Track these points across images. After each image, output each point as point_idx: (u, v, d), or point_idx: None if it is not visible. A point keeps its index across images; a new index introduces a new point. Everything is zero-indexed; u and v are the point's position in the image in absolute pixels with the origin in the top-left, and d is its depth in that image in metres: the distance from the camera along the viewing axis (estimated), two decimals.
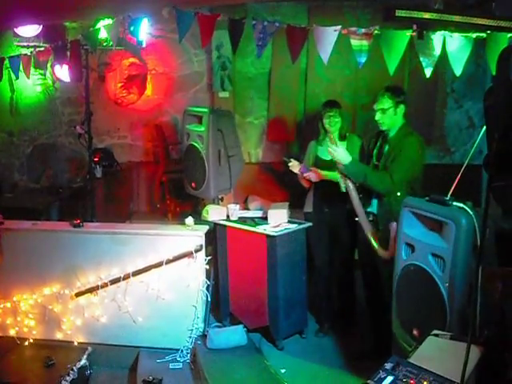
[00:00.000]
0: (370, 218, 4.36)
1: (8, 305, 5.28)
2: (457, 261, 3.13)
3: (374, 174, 4.23)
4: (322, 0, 6.28)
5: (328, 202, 5.12)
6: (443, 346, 2.77)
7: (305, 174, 5.07)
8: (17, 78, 5.61)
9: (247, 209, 5.52)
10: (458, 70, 3.56)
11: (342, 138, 5.08)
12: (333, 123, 5.02)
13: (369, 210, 4.39)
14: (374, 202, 4.36)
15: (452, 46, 3.50)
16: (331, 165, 4.77)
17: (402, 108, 4.28)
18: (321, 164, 5.13)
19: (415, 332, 3.38)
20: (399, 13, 2.63)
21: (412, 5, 2.80)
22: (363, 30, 3.65)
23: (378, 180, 4.17)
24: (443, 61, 3.87)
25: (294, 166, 5.10)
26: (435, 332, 2.90)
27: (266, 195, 6.07)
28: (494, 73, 3.55)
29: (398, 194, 4.12)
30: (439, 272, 3.24)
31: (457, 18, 2.54)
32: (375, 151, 4.52)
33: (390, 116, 4.27)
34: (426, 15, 2.59)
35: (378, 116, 4.31)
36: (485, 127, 2.40)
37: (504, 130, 1.92)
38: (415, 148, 4.22)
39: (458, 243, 3.11)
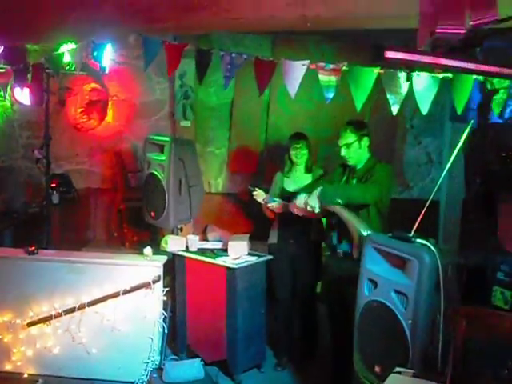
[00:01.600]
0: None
1: None
2: (420, 298, 3.13)
3: (354, 188, 4.25)
4: (287, 33, 6.30)
5: (293, 234, 5.11)
6: None
7: (268, 204, 5.07)
8: None
9: (206, 239, 5.47)
10: (424, 109, 3.59)
11: (309, 170, 5.14)
12: (299, 155, 5.10)
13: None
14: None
15: (419, 85, 3.55)
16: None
17: (366, 140, 4.33)
18: (285, 195, 5.14)
19: (377, 369, 3.36)
20: (389, 54, 2.64)
21: (399, 45, 2.83)
22: (331, 66, 3.67)
23: (361, 191, 4.16)
24: (406, 97, 3.92)
25: (259, 195, 5.11)
26: (398, 369, 2.89)
27: (226, 226, 6.04)
28: (459, 112, 3.64)
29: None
30: (402, 309, 3.23)
31: (444, 62, 2.57)
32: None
33: (355, 150, 4.30)
34: (412, 57, 2.61)
35: (343, 152, 4.33)
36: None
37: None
38: (385, 172, 4.27)
39: (421, 280, 3.12)
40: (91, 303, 4.92)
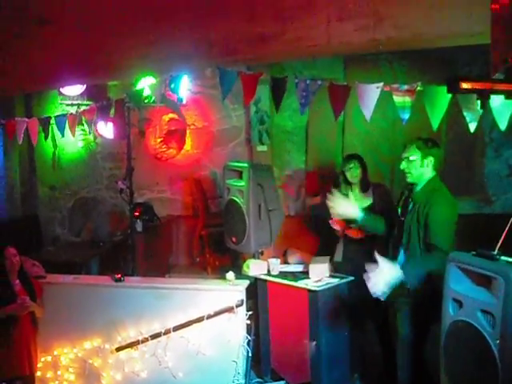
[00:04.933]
0: None
1: (49, 358, 5.27)
2: (507, 317, 3.04)
3: (430, 263, 3.95)
4: (358, 54, 6.32)
5: (355, 251, 5.09)
6: None
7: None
8: (62, 136, 5.72)
9: (286, 262, 5.50)
10: (502, 125, 3.53)
11: (364, 189, 5.15)
12: (355, 174, 5.14)
13: None
14: None
15: (496, 102, 3.49)
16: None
17: (430, 160, 4.10)
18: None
19: None
20: (464, 85, 2.64)
21: (471, 74, 2.83)
22: (406, 87, 3.67)
23: (435, 265, 3.80)
24: (484, 114, 3.85)
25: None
26: None
27: (304, 249, 6.04)
28: None
29: None
30: (489, 329, 3.14)
31: None
32: (400, 207, 4.38)
33: (415, 167, 4.09)
34: (486, 86, 2.59)
35: (403, 165, 4.16)
36: None
37: None
38: (444, 209, 4.02)
39: (508, 299, 3.03)
40: (176, 328, 5.02)
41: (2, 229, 7.28)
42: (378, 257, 3.77)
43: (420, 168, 4.12)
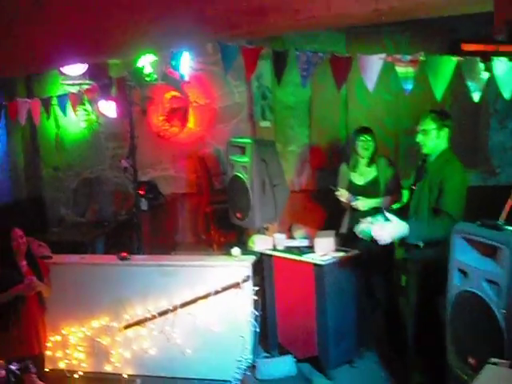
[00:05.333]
0: None
1: (58, 338, 5.35)
2: None
3: (435, 227, 4.09)
4: (360, 27, 6.26)
5: None
6: (503, 375, 2.68)
7: (352, 203, 5.12)
8: (65, 115, 5.71)
9: (292, 237, 5.50)
10: (507, 94, 3.49)
11: (371, 162, 5.18)
12: (368, 147, 5.15)
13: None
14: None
15: (499, 70, 3.45)
16: (364, 190, 5.18)
17: (445, 131, 4.21)
18: (355, 189, 5.28)
19: (471, 360, 3.30)
20: (466, 47, 2.61)
21: (476, 37, 2.79)
22: (408, 57, 3.62)
23: (441, 229, 3.96)
24: (488, 82, 3.82)
25: (342, 195, 5.17)
26: (493, 360, 2.82)
27: (310, 223, 6.04)
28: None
29: None
30: (494, 298, 3.16)
31: None
32: (413, 174, 4.50)
33: (431, 138, 4.20)
34: (488, 48, 2.56)
35: (419, 137, 4.25)
36: None
37: None
38: (459, 181, 4.12)
39: None
40: (183, 305, 5.06)
41: (8, 211, 7.31)
42: (386, 213, 4.11)
43: (436, 139, 4.23)
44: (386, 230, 4.07)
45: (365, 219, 4.42)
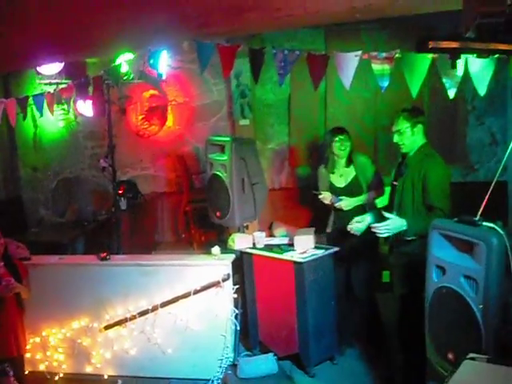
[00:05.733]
0: None
1: (37, 340, 5.29)
2: (490, 282, 3.07)
3: (424, 221, 4.01)
4: (338, 24, 6.27)
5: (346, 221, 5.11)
6: (481, 370, 2.71)
7: (336, 204, 5.15)
8: (41, 115, 5.67)
9: (272, 236, 5.51)
10: (481, 90, 3.53)
11: (349, 162, 5.20)
12: (344, 147, 5.16)
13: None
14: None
15: (474, 67, 3.49)
16: (346, 191, 5.21)
17: (419, 128, 4.24)
18: (337, 192, 5.28)
19: (450, 356, 3.33)
20: (432, 44, 2.62)
21: (443, 34, 2.79)
22: (384, 54, 3.65)
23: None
24: (463, 79, 3.85)
25: (326, 197, 5.21)
26: (471, 355, 2.84)
27: (290, 221, 6.05)
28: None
29: None
30: (472, 294, 3.18)
31: (490, 46, 2.50)
32: (394, 171, 4.53)
33: (407, 137, 4.24)
34: (456, 45, 2.58)
35: (395, 138, 4.30)
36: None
37: None
38: (440, 173, 4.16)
39: (490, 264, 3.06)
40: (164, 304, 5.03)
41: None
42: (385, 213, 4.16)
43: (411, 137, 4.26)
44: (386, 224, 4.12)
45: (354, 220, 4.61)
